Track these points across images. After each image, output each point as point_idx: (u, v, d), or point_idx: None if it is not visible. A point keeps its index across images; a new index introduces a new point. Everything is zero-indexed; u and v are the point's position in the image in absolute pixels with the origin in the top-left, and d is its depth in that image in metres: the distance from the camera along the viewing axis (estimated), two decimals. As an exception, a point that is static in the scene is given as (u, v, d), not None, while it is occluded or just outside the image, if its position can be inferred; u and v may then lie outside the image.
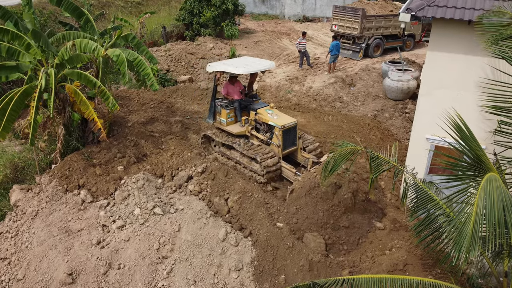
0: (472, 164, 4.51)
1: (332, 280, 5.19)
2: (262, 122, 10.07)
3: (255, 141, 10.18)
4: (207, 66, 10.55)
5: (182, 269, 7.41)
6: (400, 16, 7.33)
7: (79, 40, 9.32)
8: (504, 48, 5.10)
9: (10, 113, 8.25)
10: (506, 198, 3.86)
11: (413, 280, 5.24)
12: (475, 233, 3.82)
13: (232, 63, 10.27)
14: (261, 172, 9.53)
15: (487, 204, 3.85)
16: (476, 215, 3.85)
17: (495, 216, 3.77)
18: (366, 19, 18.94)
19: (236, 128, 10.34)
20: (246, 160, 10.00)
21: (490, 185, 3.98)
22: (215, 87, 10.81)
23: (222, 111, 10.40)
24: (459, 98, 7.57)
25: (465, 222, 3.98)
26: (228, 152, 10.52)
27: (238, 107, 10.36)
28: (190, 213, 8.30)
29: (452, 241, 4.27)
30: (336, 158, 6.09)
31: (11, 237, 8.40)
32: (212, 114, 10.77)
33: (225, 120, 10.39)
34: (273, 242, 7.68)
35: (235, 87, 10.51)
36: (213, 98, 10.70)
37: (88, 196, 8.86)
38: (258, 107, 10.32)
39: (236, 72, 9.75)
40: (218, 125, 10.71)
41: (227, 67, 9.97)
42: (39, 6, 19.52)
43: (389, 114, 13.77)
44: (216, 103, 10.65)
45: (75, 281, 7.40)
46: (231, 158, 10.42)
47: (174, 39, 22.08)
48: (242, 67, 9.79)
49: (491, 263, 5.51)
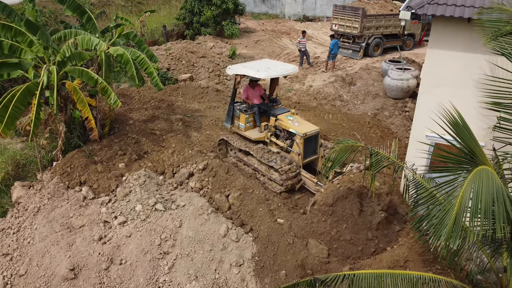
0: (464, 157, 4.58)
1: (333, 276, 5.24)
2: (282, 129, 9.68)
3: (274, 148, 9.84)
4: (227, 68, 10.17)
5: (183, 265, 7.47)
6: (400, 14, 7.38)
7: (80, 36, 9.37)
8: (504, 44, 5.14)
9: (12, 110, 8.29)
10: (499, 192, 3.92)
11: (412, 275, 5.30)
12: (457, 223, 3.87)
13: (253, 67, 9.84)
14: (280, 181, 9.15)
15: (473, 196, 3.90)
16: (460, 206, 3.89)
17: (481, 208, 3.83)
18: (366, 19, 19.01)
19: (255, 134, 9.97)
20: (265, 168, 9.62)
21: (479, 178, 4.04)
22: (234, 90, 10.40)
23: (241, 116, 10.07)
24: (458, 95, 7.62)
25: (447, 211, 4.04)
26: (246, 158, 10.11)
27: (257, 112, 10.03)
28: (191, 210, 8.35)
29: (432, 228, 4.33)
30: (337, 154, 6.14)
31: (13, 233, 8.44)
32: (230, 118, 10.39)
33: (244, 125, 10.05)
34: (274, 238, 7.73)
35: (255, 91, 10.18)
36: (231, 101, 10.32)
37: (89, 193, 8.91)
38: (279, 112, 9.92)
39: (257, 76, 9.39)
40: (236, 129, 10.37)
41: (248, 70, 9.57)
42: (40, 5, 19.57)
43: (389, 113, 13.84)
44: (235, 107, 10.28)
45: (77, 276, 7.45)
46: (248, 165, 10.04)
47: (175, 38, 22.12)
48: (264, 71, 9.42)
49: (490, 258, 5.56)
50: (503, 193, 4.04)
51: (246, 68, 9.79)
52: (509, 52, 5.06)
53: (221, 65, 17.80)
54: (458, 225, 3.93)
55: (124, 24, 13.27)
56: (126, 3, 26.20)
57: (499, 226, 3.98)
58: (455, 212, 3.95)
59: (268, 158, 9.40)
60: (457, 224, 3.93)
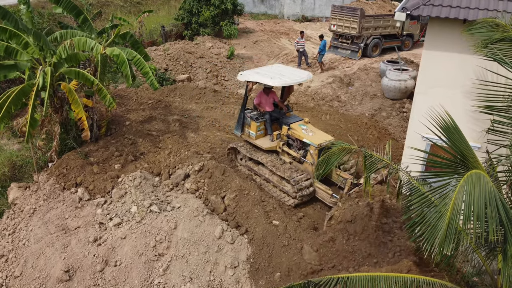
0: (456, 161, 4.56)
1: (327, 279, 5.21)
2: (295, 139, 9.26)
3: (286, 158, 9.47)
4: (239, 74, 9.75)
5: (178, 267, 7.45)
6: (395, 15, 7.36)
7: (77, 38, 9.36)
8: (495, 51, 5.15)
9: (5, 110, 8.29)
10: (491, 195, 3.90)
11: (407, 278, 5.27)
12: (450, 228, 3.83)
13: (267, 73, 9.39)
14: (293, 193, 8.78)
15: (466, 200, 3.87)
16: (453, 210, 3.86)
17: (473, 212, 3.81)
18: (364, 19, 18.99)
19: (266, 143, 9.62)
20: (276, 179, 9.24)
21: (471, 182, 4.01)
22: (246, 97, 9.97)
23: (251, 124, 9.68)
24: (454, 96, 7.60)
25: (440, 217, 4.01)
26: (256, 167, 9.74)
27: (268, 120, 9.67)
28: (187, 211, 8.33)
29: (424, 235, 4.28)
30: (330, 157, 6.11)
31: (9, 235, 8.44)
32: (241, 126, 10.02)
33: (255, 133, 9.66)
34: (269, 239, 7.72)
35: (269, 98, 9.78)
36: (242, 109, 9.94)
37: (85, 194, 8.90)
38: (292, 121, 9.52)
39: (271, 84, 9.01)
40: (246, 137, 9.99)
41: (262, 77, 9.12)
42: (38, 6, 19.58)
43: (387, 114, 13.82)
44: (246, 114, 9.88)
45: (71, 278, 7.44)
46: (259, 175, 9.70)
47: (173, 38, 22.11)
48: (278, 79, 9.01)
49: (484, 261, 5.54)
50: (496, 197, 4.02)
51: (259, 74, 9.36)
52: (501, 58, 5.05)
53: (219, 65, 17.80)
54: (452, 230, 3.89)
55: (122, 24, 13.27)
56: (125, 3, 26.21)
57: (491, 230, 3.96)
58: (447, 217, 3.92)
59: (280, 169, 9.06)
60: (451, 230, 3.89)
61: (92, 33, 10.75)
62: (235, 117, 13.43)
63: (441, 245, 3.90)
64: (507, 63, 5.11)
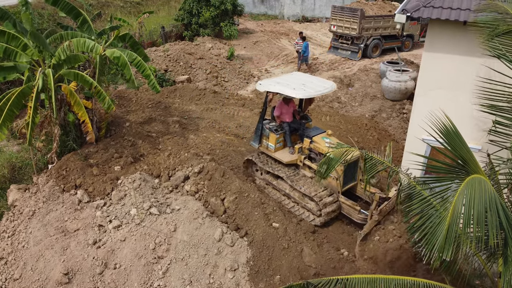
0: (455, 166, 4.54)
1: (326, 280, 5.19)
2: (318, 152, 8.70)
3: (307, 172, 8.98)
4: (257, 84, 9.13)
5: (177, 269, 7.43)
6: (396, 17, 7.34)
7: (76, 39, 9.34)
8: (498, 45, 5.08)
9: (7, 113, 8.29)
10: (491, 200, 3.88)
11: (406, 280, 5.25)
12: (449, 234, 3.80)
13: (288, 83, 8.82)
14: (317, 211, 8.34)
15: (465, 205, 3.84)
16: (453, 216, 3.83)
17: (473, 217, 3.77)
18: (364, 20, 18.97)
19: (287, 156, 9.17)
20: (298, 195, 8.76)
21: (472, 187, 3.98)
22: (265, 108, 9.47)
23: (270, 135, 9.22)
24: (455, 98, 7.58)
25: (440, 222, 3.98)
26: (275, 182, 9.28)
27: (288, 132, 9.21)
28: (186, 213, 8.31)
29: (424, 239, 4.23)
30: (331, 160, 6.08)
31: (8, 237, 8.42)
32: (258, 138, 9.52)
33: (274, 145, 9.22)
34: (268, 242, 7.69)
35: (289, 108, 9.35)
36: (261, 120, 9.43)
37: (84, 196, 8.88)
38: (313, 133, 9.01)
39: (294, 96, 8.44)
40: (264, 150, 9.52)
41: (283, 88, 8.56)
42: (38, 7, 19.57)
43: (387, 115, 13.80)
44: (264, 125, 9.39)
45: (71, 281, 7.41)
46: (278, 189, 9.23)
47: (173, 39, 22.10)
48: (301, 90, 8.44)
49: (485, 263, 5.52)
50: (496, 201, 4.00)
51: (280, 85, 8.76)
52: (503, 54, 5.00)
53: (219, 66, 17.77)
54: (451, 235, 3.85)
55: (122, 25, 13.25)
56: (125, 4, 26.21)
57: (491, 234, 3.94)
58: (447, 222, 3.89)
59: (302, 184, 8.60)
60: (450, 235, 3.85)
61: (91, 34, 10.73)
62: (235, 118, 13.43)
63: (440, 250, 3.87)
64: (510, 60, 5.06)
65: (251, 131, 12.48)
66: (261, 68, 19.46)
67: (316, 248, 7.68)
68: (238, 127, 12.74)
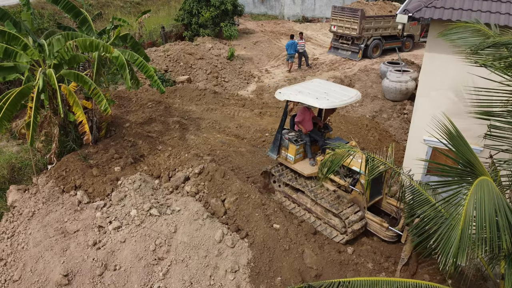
0: (463, 169, 4.50)
1: (328, 283, 5.16)
2: (342, 165, 8.03)
3: (329, 185, 8.56)
4: (277, 93, 8.63)
5: (178, 271, 7.39)
6: (397, 17, 7.32)
7: (81, 38, 9.27)
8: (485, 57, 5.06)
9: (5, 112, 8.24)
10: (499, 202, 3.84)
11: (409, 282, 5.22)
12: (463, 239, 3.77)
13: (310, 92, 8.34)
14: (342, 228, 7.95)
15: (477, 209, 3.81)
16: (465, 220, 3.80)
17: (485, 220, 3.75)
18: (365, 20, 18.95)
19: (307, 168, 8.73)
20: (320, 210, 8.35)
21: (481, 190, 3.95)
22: (284, 118, 9.01)
23: (290, 146, 8.82)
24: (456, 99, 7.55)
25: (453, 227, 3.94)
26: (295, 195, 8.91)
27: (308, 142, 8.83)
28: (187, 214, 8.27)
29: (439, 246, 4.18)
30: (333, 159, 6.06)
31: (7, 238, 8.37)
32: (277, 148, 9.11)
33: (293, 156, 8.83)
34: (269, 243, 7.65)
35: (311, 115, 9.03)
36: (280, 129, 9.04)
37: (84, 197, 8.84)
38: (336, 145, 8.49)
39: (318, 106, 8.00)
40: (283, 161, 9.13)
41: (306, 98, 8.11)
42: (38, 7, 19.53)
43: (387, 115, 13.77)
44: (283, 135, 8.98)
45: (70, 282, 7.37)
46: (298, 203, 8.82)
47: (173, 39, 22.07)
48: (325, 99, 7.94)
49: (487, 265, 5.49)
50: (503, 203, 3.97)
51: (302, 94, 8.29)
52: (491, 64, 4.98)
53: (219, 67, 17.74)
54: (465, 240, 3.81)
55: (122, 25, 13.22)
56: (125, 4, 26.16)
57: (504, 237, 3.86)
58: (460, 227, 3.84)
59: (325, 199, 8.18)
60: (464, 239, 3.81)
61: (91, 34, 10.69)
62: (235, 119, 13.39)
63: (454, 255, 3.82)
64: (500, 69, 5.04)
65: (251, 131, 12.44)
66: (261, 68, 19.43)
67: (317, 250, 7.64)
68: (239, 128, 12.70)
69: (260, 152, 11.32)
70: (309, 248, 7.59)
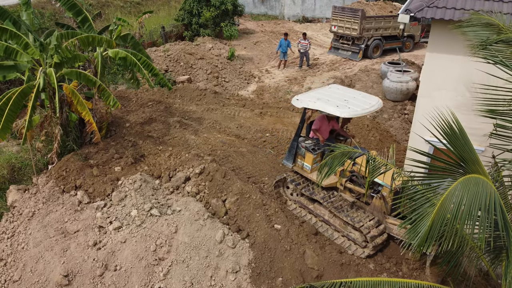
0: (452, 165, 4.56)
1: (329, 283, 5.14)
2: (363, 176, 7.81)
3: (348, 196, 8.21)
4: (294, 99, 8.25)
5: (178, 271, 7.37)
6: (399, 17, 7.29)
7: (84, 35, 9.23)
8: (494, 53, 5.05)
9: (8, 113, 8.21)
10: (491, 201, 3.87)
11: (411, 283, 5.20)
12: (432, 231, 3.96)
13: (329, 99, 7.95)
14: (363, 242, 7.64)
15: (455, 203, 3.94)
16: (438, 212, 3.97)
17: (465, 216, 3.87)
18: (365, 20, 18.94)
19: None
20: (339, 223, 8.03)
21: (465, 187, 4.02)
22: (301, 125, 8.66)
23: (306, 155, 8.44)
24: (458, 99, 7.53)
25: (425, 216, 4.12)
26: (311, 206, 8.58)
27: (327, 151, 8.16)
28: (187, 215, 8.25)
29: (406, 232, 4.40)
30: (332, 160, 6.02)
31: (8, 238, 8.35)
32: (292, 156, 8.75)
33: (310, 166, 8.47)
34: (270, 244, 7.63)
35: (329, 125, 8.68)
36: (296, 137, 8.66)
37: (85, 197, 8.81)
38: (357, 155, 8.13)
39: (338, 115, 7.57)
40: (299, 170, 8.76)
41: (326, 105, 7.72)
42: (38, 7, 19.51)
43: (388, 115, 13.74)
44: (300, 144, 8.60)
45: (71, 282, 7.35)
46: (315, 215, 8.46)
47: (173, 39, 22.04)
48: (346, 108, 7.56)
49: (489, 265, 5.47)
50: (496, 202, 3.97)
51: (321, 101, 7.90)
52: (500, 60, 4.96)
53: (220, 67, 17.72)
54: (435, 231, 3.98)
55: (122, 25, 13.21)
56: (125, 4, 26.13)
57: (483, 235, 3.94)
58: (432, 217, 3.99)
59: (344, 211, 7.85)
60: (434, 231, 3.98)
61: (92, 33, 10.66)
62: (235, 119, 13.37)
63: (421, 243, 4.02)
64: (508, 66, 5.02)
65: (252, 131, 12.42)
66: (261, 69, 19.41)
67: (319, 250, 7.62)
68: (239, 128, 12.68)
69: (261, 152, 11.30)
70: (310, 248, 7.57)
